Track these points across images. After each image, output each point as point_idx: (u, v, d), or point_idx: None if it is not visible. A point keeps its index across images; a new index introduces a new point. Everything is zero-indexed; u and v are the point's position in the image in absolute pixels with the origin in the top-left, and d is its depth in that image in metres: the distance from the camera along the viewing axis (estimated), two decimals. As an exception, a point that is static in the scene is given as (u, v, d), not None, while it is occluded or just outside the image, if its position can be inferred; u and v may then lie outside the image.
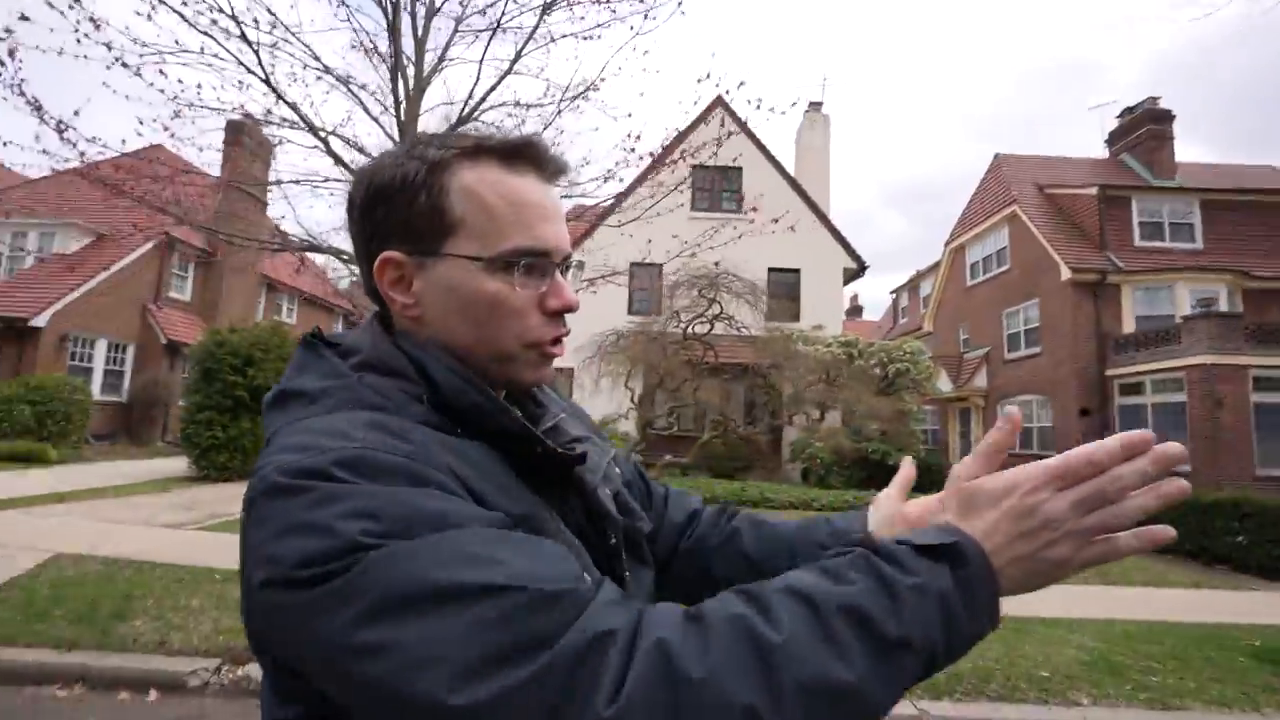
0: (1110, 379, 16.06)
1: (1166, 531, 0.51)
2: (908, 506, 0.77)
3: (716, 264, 9.92)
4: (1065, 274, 16.69)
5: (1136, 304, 16.54)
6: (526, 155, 0.63)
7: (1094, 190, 17.75)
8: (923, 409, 16.13)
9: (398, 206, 0.62)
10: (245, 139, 11.98)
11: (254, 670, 3.60)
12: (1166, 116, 20.99)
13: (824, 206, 18.85)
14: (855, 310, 42.02)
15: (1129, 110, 22.04)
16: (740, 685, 0.41)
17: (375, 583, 0.43)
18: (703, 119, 16.04)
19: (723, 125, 6.27)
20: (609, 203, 6.58)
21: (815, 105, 20.27)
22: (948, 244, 23.56)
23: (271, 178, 7.11)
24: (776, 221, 6.27)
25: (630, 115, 8.67)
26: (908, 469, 0.81)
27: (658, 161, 5.99)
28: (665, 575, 0.85)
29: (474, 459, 0.56)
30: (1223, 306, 15.63)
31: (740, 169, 17.63)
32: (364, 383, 0.59)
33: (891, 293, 30.92)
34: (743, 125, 17.27)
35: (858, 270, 18.02)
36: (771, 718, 0.41)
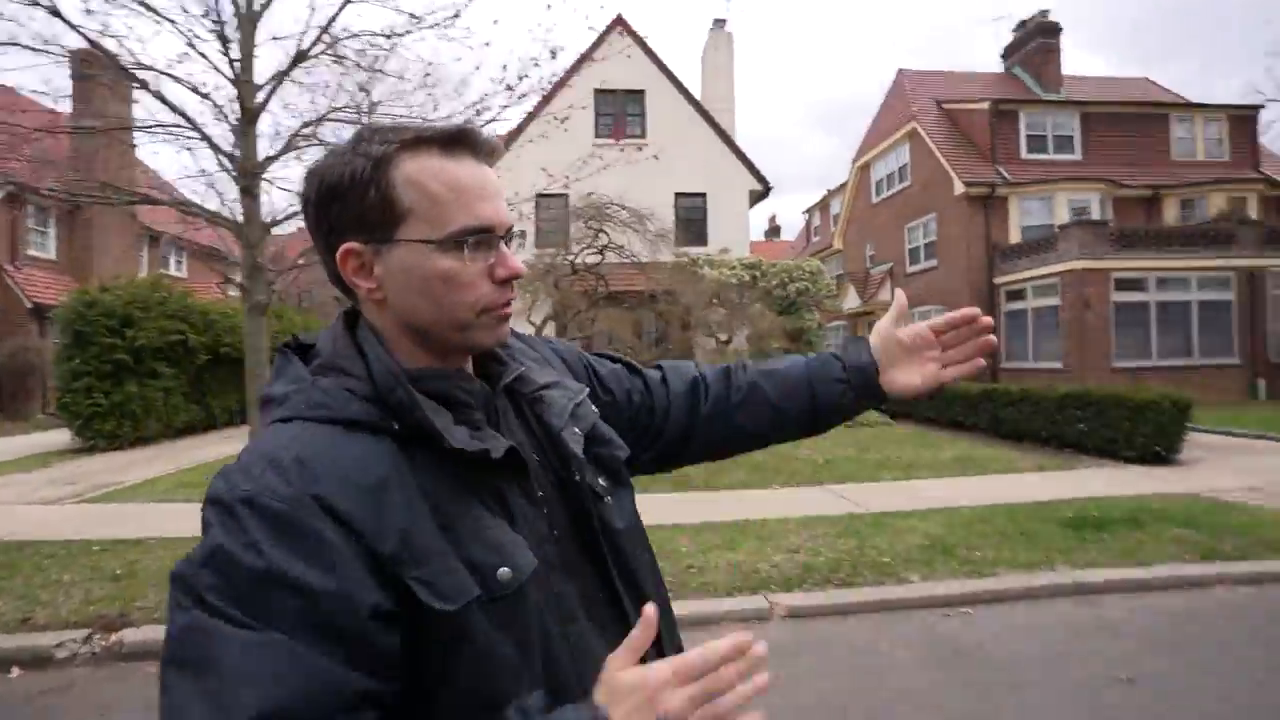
0: (998, 287, 17.19)
1: None
2: (901, 332, 0.93)
3: (590, 194, 9.84)
4: (959, 188, 17.43)
5: (1022, 215, 17.54)
6: (462, 141, 0.69)
7: (986, 105, 18.35)
8: (825, 326, 16.86)
9: (350, 202, 0.67)
10: (98, 74, 10.73)
11: (128, 635, 3.62)
12: (1054, 29, 21.65)
13: (730, 128, 18.77)
14: (774, 231, 42.64)
15: (1022, 24, 22.59)
16: None
17: (183, 645, 0.54)
18: (601, 41, 15.47)
19: (598, 51, 6.05)
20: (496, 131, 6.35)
21: (719, 23, 19.77)
22: (854, 162, 24.04)
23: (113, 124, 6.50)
24: (642, 151, 6.19)
25: (488, 44, 8.23)
26: (901, 298, 0.96)
27: (556, 87, 5.76)
28: (689, 444, 0.98)
29: (367, 481, 0.61)
30: (1094, 214, 16.81)
31: (643, 92, 17.22)
32: (316, 386, 0.66)
33: (804, 213, 31.49)
34: (644, 46, 16.83)
35: (763, 192, 18.21)
36: None
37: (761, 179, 17.98)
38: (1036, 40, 21.59)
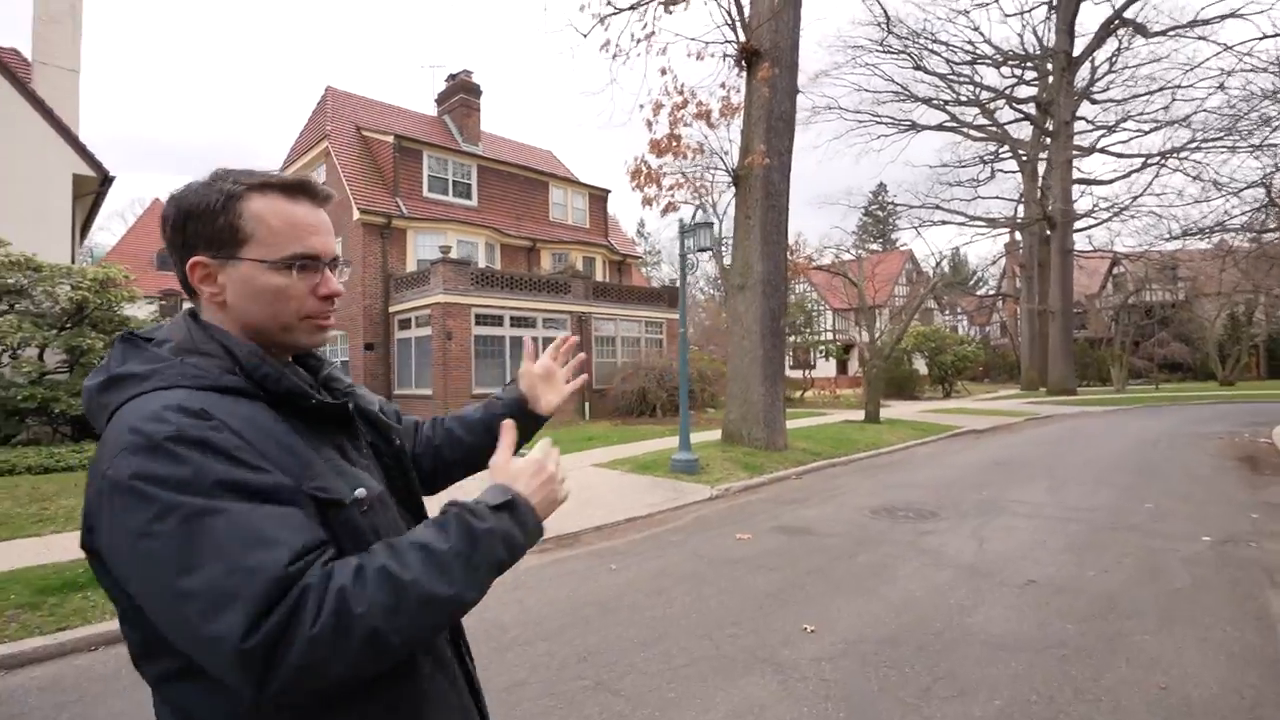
0: (393, 315, 17.45)
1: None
2: (535, 367, 1.39)
3: None
4: (355, 214, 17.15)
5: (419, 248, 18.35)
6: (301, 189, 0.93)
7: (392, 139, 18.76)
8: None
9: (204, 225, 0.88)
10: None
11: None
12: (475, 90, 24.06)
13: (67, 93, 14.46)
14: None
15: (452, 76, 24.52)
16: (379, 609, 0.73)
17: (187, 547, 0.71)
18: None
19: None
20: None
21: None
22: (282, 170, 21.89)
23: None
24: None
25: None
26: (529, 346, 1.41)
27: None
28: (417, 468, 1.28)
29: (259, 422, 0.82)
30: (482, 257, 18.76)
31: None
32: (186, 363, 0.84)
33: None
34: None
35: (101, 181, 14.45)
36: (395, 620, 0.74)
37: (96, 164, 14.17)
38: (460, 95, 23.63)
